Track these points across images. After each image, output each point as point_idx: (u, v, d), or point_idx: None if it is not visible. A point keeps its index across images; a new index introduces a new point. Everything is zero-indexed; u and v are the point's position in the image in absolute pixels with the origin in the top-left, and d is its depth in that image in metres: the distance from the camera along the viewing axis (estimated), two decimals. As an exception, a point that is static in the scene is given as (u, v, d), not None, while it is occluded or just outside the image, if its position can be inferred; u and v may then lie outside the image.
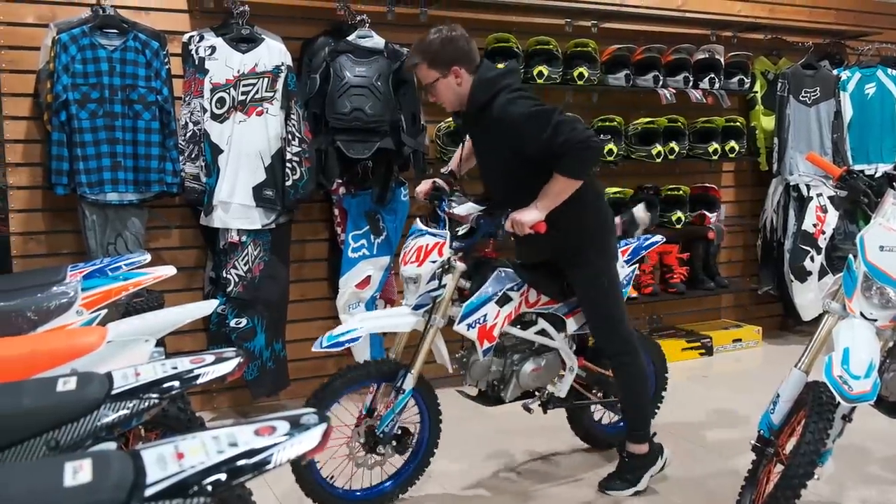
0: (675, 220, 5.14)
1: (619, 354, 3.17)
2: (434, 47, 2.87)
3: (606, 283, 3.12)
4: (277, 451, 1.13)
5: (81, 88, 3.62)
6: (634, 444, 3.23)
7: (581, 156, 2.81)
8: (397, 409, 2.95)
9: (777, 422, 2.75)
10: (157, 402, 1.62)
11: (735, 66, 5.36)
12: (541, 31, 4.85)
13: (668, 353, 5.05)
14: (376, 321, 3.10)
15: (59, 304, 2.43)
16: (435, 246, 2.97)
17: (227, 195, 3.88)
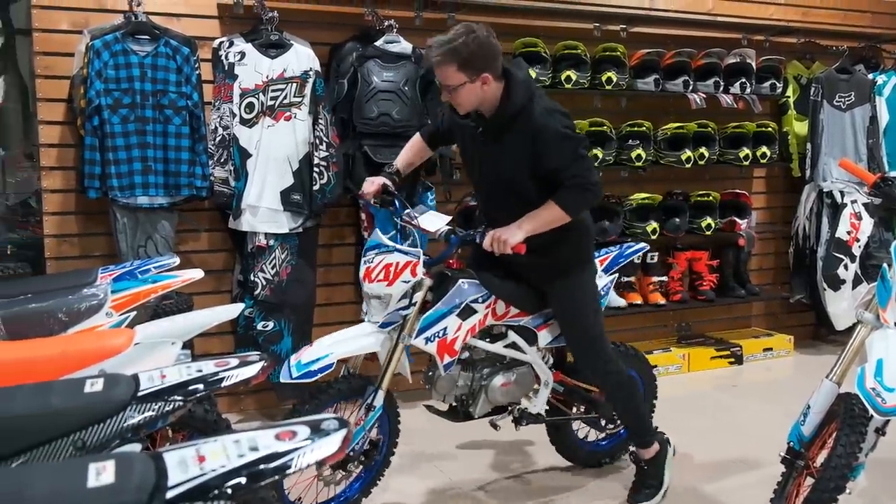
0: (705, 227, 5.08)
1: (601, 369, 3.10)
2: (469, 50, 2.69)
3: (586, 298, 3.06)
4: (298, 455, 1.14)
5: (114, 94, 3.68)
6: (645, 449, 3.20)
7: (584, 196, 2.84)
8: (367, 426, 2.87)
9: (808, 433, 2.71)
10: (181, 405, 1.64)
11: (767, 71, 5.30)
12: (569, 36, 4.83)
13: (696, 362, 5.12)
14: (346, 345, 2.90)
15: (89, 305, 2.48)
16: (406, 265, 2.86)
17: (256, 199, 3.92)
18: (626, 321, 5.29)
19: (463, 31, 2.73)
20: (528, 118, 2.79)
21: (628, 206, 4.97)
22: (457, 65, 2.70)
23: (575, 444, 3.52)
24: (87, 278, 2.76)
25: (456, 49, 2.69)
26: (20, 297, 2.54)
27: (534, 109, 2.80)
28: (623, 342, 3.61)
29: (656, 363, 4.99)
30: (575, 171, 2.79)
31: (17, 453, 1.45)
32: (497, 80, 2.79)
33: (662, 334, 5.45)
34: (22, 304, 2.47)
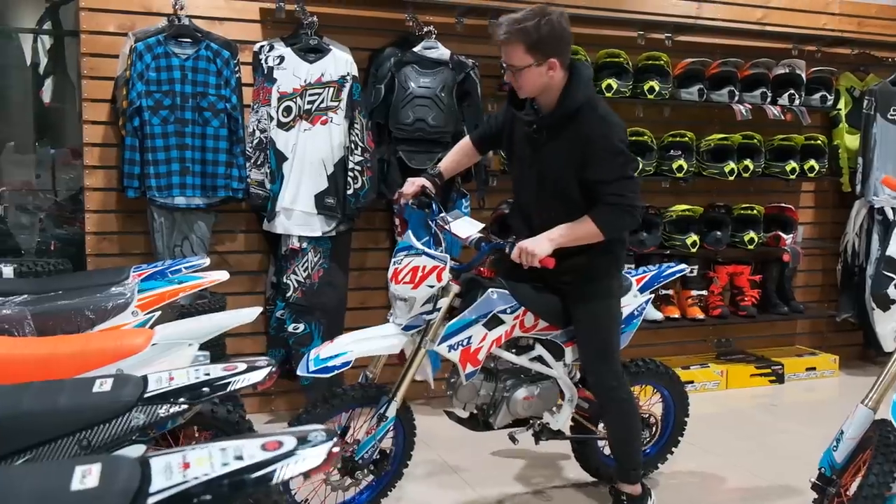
0: (748, 241, 4.96)
1: (608, 387, 2.98)
2: (540, 32, 2.60)
3: (610, 312, 2.97)
4: (281, 466, 1.13)
5: (154, 95, 3.75)
6: (628, 484, 3.07)
7: (622, 218, 2.77)
8: (378, 436, 2.83)
9: (840, 460, 2.62)
10: (187, 408, 1.65)
11: (817, 82, 5.16)
12: (612, 44, 4.78)
13: (735, 379, 5.00)
14: (367, 344, 2.88)
15: (116, 304, 2.52)
16: (433, 270, 2.83)
17: (290, 202, 3.95)
18: (664, 335, 5.20)
19: (537, 12, 2.64)
20: (584, 120, 2.72)
21: (668, 217, 4.88)
22: (525, 46, 2.62)
23: (599, 460, 3.43)
24: (118, 277, 2.81)
25: (526, 29, 2.60)
26: (51, 293, 2.60)
27: (592, 113, 2.74)
28: (653, 357, 3.53)
29: (693, 379, 4.92)
30: (618, 189, 2.71)
31: (22, 451, 1.48)
32: (563, 70, 2.71)
33: (701, 349, 5.34)
34: (51, 300, 2.52)
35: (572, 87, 2.72)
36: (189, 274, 2.84)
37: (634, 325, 3.27)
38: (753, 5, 5.29)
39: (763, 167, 5.03)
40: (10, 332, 2.39)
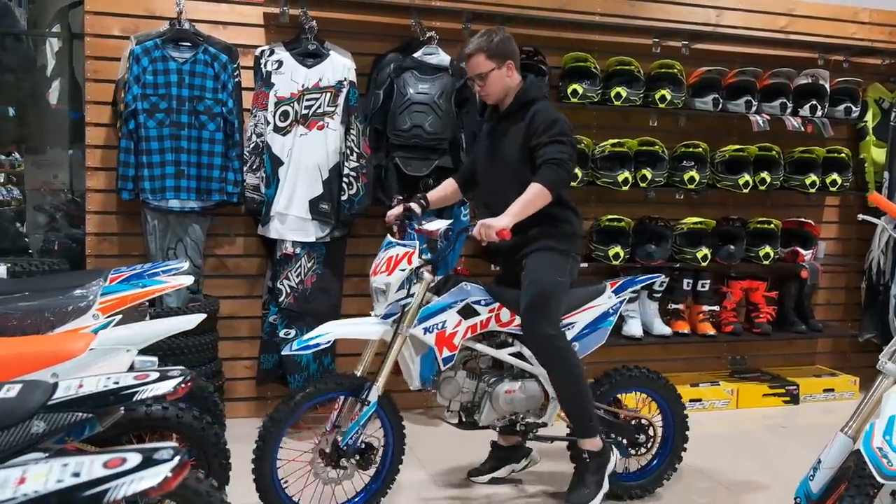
0: (763, 256, 4.78)
1: (547, 337, 3.03)
2: (494, 41, 3.11)
3: (550, 267, 3.09)
4: (117, 485, 1.09)
5: (151, 98, 3.77)
6: (587, 439, 3.10)
7: (557, 172, 2.99)
8: (361, 422, 2.91)
9: (816, 490, 2.48)
10: (89, 417, 1.62)
11: (842, 93, 4.96)
12: (626, 52, 4.66)
13: (746, 398, 4.84)
14: (345, 328, 3.09)
15: (76, 307, 2.52)
16: (405, 255, 3.02)
17: (285, 207, 3.94)
18: (676, 350, 5.06)
19: (487, 31, 3.20)
20: (528, 110, 3.12)
21: (679, 230, 4.73)
22: (486, 53, 3.10)
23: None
24: (92, 279, 2.81)
25: (482, 41, 3.13)
26: (17, 294, 2.61)
27: (540, 104, 3.15)
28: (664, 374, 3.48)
29: (701, 397, 4.77)
30: (552, 150, 2.99)
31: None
32: (518, 73, 3.18)
33: (714, 366, 5.17)
34: (14, 302, 2.54)
35: (526, 87, 3.20)
36: (154, 278, 2.82)
37: (609, 324, 3.35)
38: (777, 13, 5.12)
39: (782, 180, 4.85)
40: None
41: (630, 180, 4.51)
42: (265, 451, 2.90)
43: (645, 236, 4.70)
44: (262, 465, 2.90)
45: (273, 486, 2.94)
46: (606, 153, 4.52)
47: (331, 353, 4.15)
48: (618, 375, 3.36)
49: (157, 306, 3.83)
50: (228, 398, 4.25)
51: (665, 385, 3.43)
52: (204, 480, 2.19)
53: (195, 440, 2.77)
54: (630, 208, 4.79)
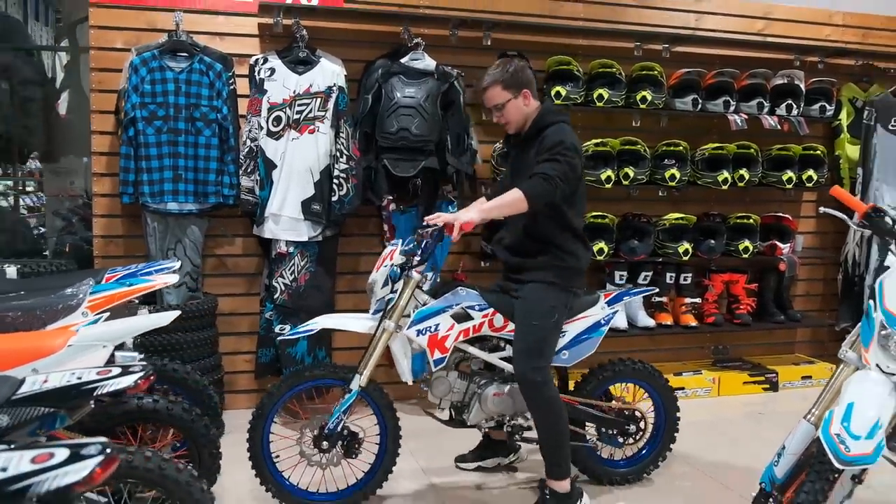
0: (742, 250, 4.69)
1: (534, 384, 2.89)
2: (509, 72, 3.02)
3: (543, 307, 2.95)
4: (42, 480, 1.04)
5: (149, 107, 3.72)
6: (554, 479, 2.95)
7: (542, 185, 2.84)
8: (343, 408, 2.89)
9: (780, 475, 2.41)
10: (56, 411, 1.57)
11: (817, 93, 4.85)
12: (608, 55, 4.57)
13: (728, 386, 4.75)
14: (333, 320, 3.06)
15: (66, 305, 2.47)
16: (391, 253, 3.00)
17: (278, 208, 3.88)
18: (661, 341, 4.98)
19: (502, 62, 3.10)
20: (545, 133, 2.98)
21: (661, 226, 4.65)
22: (501, 84, 3.01)
23: (592, 460, 3.30)
24: (89, 279, 2.77)
25: (497, 73, 3.04)
26: (12, 294, 2.58)
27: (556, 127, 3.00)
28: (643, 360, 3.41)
29: (685, 385, 4.68)
30: (546, 167, 2.86)
31: None
32: (534, 99, 3.07)
33: (698, 356, 5.08)
34: (8, 301, 2.50)
35: (543, 113, 3.07)
36: (141, 277, 2.78)
37: (601, 333, 3.21)
38: (754, 17, 5.02)
39: (760, 177, 4.75)
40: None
41: (613, 178, 4.42)
42: (258, 423, 2.92)
43: (628, 232, 4.62)
44: (254, 437, 2.93)
45: (263, 457, 2.93)
46: (590, 153, 4.43)
47: (325, 347, 4.10)
48: (612, 368, 3.28)
49: (159, 304, 3.79)
50: (229, 391, 4.21)
51: (659, 379, 3.35)
52: (184, 470, 2.15)
53: (185, 431, 2.74)
54: (614, 205, 4.70)
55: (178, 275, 2.87)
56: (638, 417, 3.29)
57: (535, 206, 2.84)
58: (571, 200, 2.98)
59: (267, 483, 2.96)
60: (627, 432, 3.26)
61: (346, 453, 2.96)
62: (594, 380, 3.25)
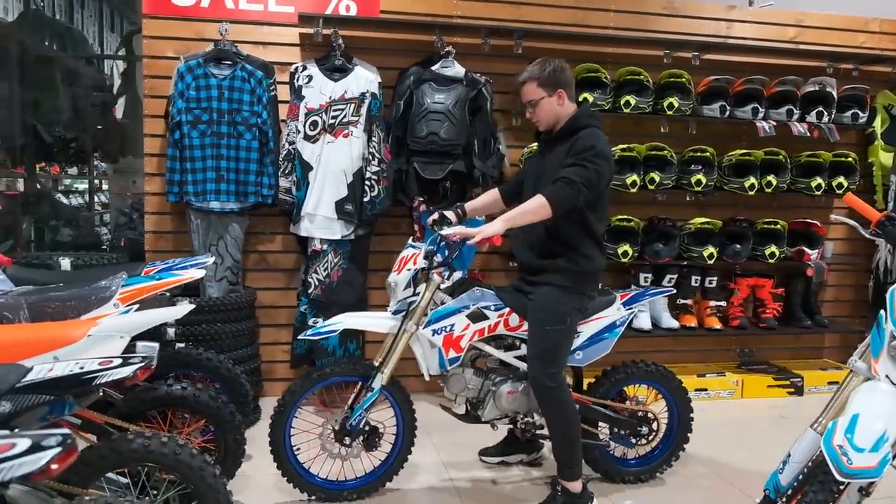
0: (769, 255, 4.49)
1: (547, 389, 2.78)
2: (547, 70, 2.87)
3: (556, 315, 2.83)
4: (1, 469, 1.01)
5: (194, 111, 3.76)
6: (566, 480, 2.85)
7: (564, 190, 2.70)
8: (365, 405, 2.86)
9: (785, 483, 2.28)
10: (57, 399, 1.56)
11: (850, 100, 4.61)
12: (637, 63, 4.43)
13: (752, 389, 4.56)
14: (355, 319, 3.00)
15: (99, 297, 2.50)
16: (412, 256, 2.93)
17: (313, 208, 3.88)
18: (687, 343, 4.81)
19: (542, 60, 2.92)
20: (576, 136, 2.83)
21: (687, 230, 4.48)
22: (538, 81, 2.86)
23: (606, 459, 3.20)
24: (122, 272, 2.79)
25: (535, 70, 2.89)
26: (52, 286, 2.61)
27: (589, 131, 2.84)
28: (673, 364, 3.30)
29: (707, 387, 4.51)
30: (569, 171, 2.72)
31: None
32: (570, 101, 2.91)
33: (723, 358, 4.89)
34: (49, 292, 2.53)
35: (578, 115, 2.90)
36: (171, 272, 2.79)
37: (616, 334, 3.09)
38: (786, 24, 4.80)
39: (788, 183, 4.54)
40: (8, 318, 2.42)
41: (638, 183, 4.28)
42: (280, 419, 2.90)
43: (653, 235, 4.47)
44: (276, 431, 2.91)
45: (285, 449, 2.92)
46: (616, 157, 4.30)
47: (357, 341, 4.08)
48: (626, 370, 3.17)
49: (202, 296, 3.82)
50: (268, 379, 4.23)
51: (672, 381, 3.22)
52: (197, 455, 2.14)
53: (211, 417, 2.75)
54: (641, 209, 4.56)
55: (206, 270, 2.87)
56: (650, 419, 3.17)
57: (558, 213, 2.70)
58: (595, 205, 2.85)
59: (288, 475, 2.94)
60: (639, 433, 3.15)
61: (367, 447, 2.94)
62: (607, 381, 3.14)
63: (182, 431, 2.78)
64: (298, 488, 2.95)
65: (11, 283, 2.73)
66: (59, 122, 4.76)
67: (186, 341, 3.56)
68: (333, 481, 2.99)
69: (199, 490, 2.13)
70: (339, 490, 2.97)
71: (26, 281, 2.75)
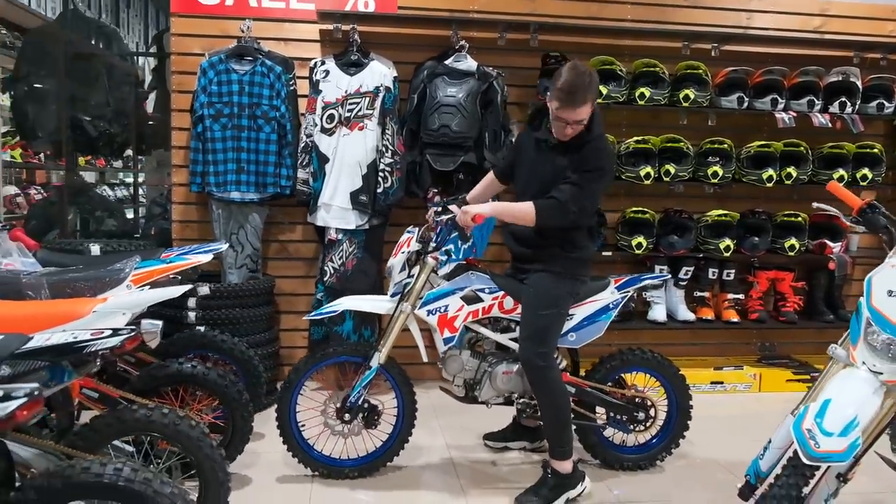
0: (789, 248, 4.44)
1: (538, 368, 2.86)
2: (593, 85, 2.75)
3: (548, 297, 2.89)
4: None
5: (216, 105, 3.93)
6: (556, 460, 2.90)
7: (555, 210, 2.80)
8: (363, 383, 2.98)
9: (765, 469, 2.31)
10: (57, 366, 1.71)
11: (876, 90, 4.52)
12: (656, 55, 4.43)
13: (770, 383, 4.52)
14: (356, 301, 3.12)
15: (113, 279, 2.66)
16: (408, 240, 3.07)
17: (329, 198, 4.01)
18: (706, 336, 4.79)
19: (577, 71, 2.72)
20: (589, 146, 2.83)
21: (704, 222, 4.47)
22: (590, 101, 2.75)
23: (602, 444, 3.26)
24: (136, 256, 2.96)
25: (586, 88, 2.72)
26: (73, 268, 2.79)
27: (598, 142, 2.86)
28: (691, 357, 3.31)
29: (723, 380, 4.50)
30: (569, 190, 2.78)
31: None
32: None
33: (742, 352, 4.85)
34: (69, 273, 2.71)
35: (594, 123, 2.85)
36: (181, 256, 2.95)
37: (609, 317, 3.14)
38: (810, 14, 4.73)
39: (810, 175, 4.48)
40: (31, 296, 2.60)
41: (652, 175, 4.29)
42: (286, 394, 3.05)
43: (669, 227, 4.48)
44: (282, 407, 3.05)
45: (290, 424, 3.05)
46: (631, 149, 4.33)
47: (371, 328, 4.19)
48: (622, 356, 3.21)
49: (222, 282, 3.99)
50: (288, 364, 4.38)
51: (669, 368, 3.24)
52: (196, 427, 2.28)
53: (219, 395, 2.89)
54: (658, 201, 4.57)
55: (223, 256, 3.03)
56: (647, 405, 3.20)
57: (540, 226, 2.81)
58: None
59: (293, 450, 3.08)
60: (636, 419, 3.18)
61: (367, 424, 3.05)
62: (604, 367, 3.19)
63: (193, 408, 2.93)
64: (302, 463, 3.08)
65: (39, 265, 2.93)
66: (102, 116, 5.00)
67: (207, 325, 3.73)
68: (336, 458, 3.11)
69: (197, 459, 2.26)
70: (341, 467, 3.09)
71: (53, 263, 2.94)
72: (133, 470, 1.74)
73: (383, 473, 3.15)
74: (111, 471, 1.71)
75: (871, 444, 2.09)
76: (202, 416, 2.94)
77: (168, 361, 2.85)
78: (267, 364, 3.86)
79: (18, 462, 1.89)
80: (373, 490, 3.03)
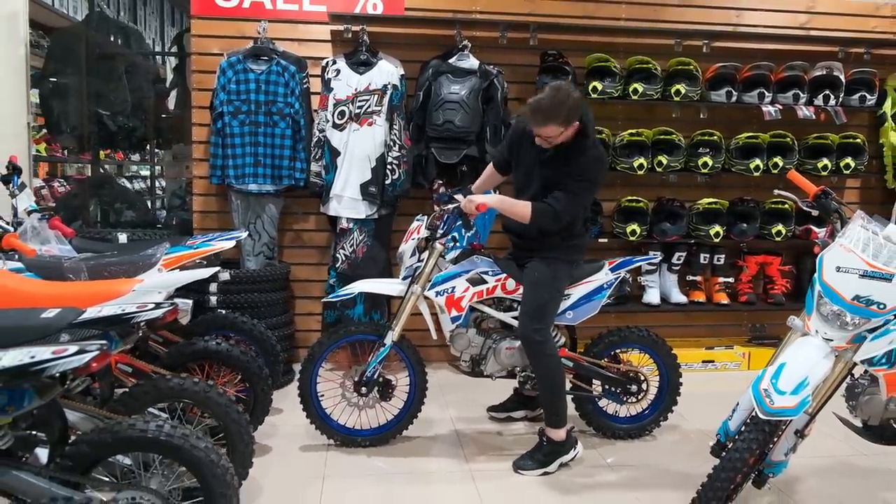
0: (776, 233, 4.67)
1: (535, 343, 3.09)
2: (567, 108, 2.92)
3: (545, 279, 3.13)
4: (56, 363, 1.41)
5: (234, 103, 4.18)
6: (551, 428, 3.14)
7: (548, 216, 3.04)
8: (379, 358, 3.22)
9: (733, 429, 2.52)
10: (107, 335, 1.97)
11: (858, 83, 4.72)
12: (649, 52, 4.64)
13: (759, 362, 4.76)
14: (370, 284, 3.36)
15: (145, 262, 2.92)
16: (417, 227, 3.30)
17: (340, 190, 4.26)
18: (699, 318, 5.01)
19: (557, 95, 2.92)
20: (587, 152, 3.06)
21: (695, 209, 4.70)
22: (556, 123, 2.94)
23: (599, 415, 3.49)
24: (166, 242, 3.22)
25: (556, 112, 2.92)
26: (108, 254, 3.07)
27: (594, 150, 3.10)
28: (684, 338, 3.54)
29: (714, 359, 4.74)
30: (563, 199, 3.02)
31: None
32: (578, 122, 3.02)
33: (734, 333, 5.08)
34: (105, 258, 2.98)
35: (587, 130, 3.05)
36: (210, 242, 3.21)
37: (603, 296, 3.36)
38: (797, 11, 4.93)
39: (795, 164, 4.70)
40: (71, 278, 2.87)
41: (645, 166, 4.52)
42: (308, 366, 3.29)
43: (662, 215, 4.70)
44: (304, 377, 3.29)
45: (311, 395, 3.29)
46: (625, 142, 4.56)
47: (381, 312, 4.45)
48: (619, 333, 3.44)
49: (241, 268, 4.26)
50: (303, 346, 4.63)
51: (662, 346, 3.48)
52: (224, 395, 2.55)
53: (242, 370, 3.14)
54: (652, 191, 4.79)
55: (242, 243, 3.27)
56: (640, 379, 3.43)
57: (533, 226, 3.06)
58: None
59: (312, 418, 3.33)
60: (629, 391, 3.42)
61: (381, 397, 3.30)
62: (601, 342, 3.42)
63: (217, 382, 3.20)
64: (319, 430, 3.33)
65: (74, 252, 3.21)
66: (122, 112, 5.28)
67: (227, 308, 3.99)
68: (351, 428, 3.37)
69: (225, 423, 2.53)
70: (355, 437, 3.34)
71: (87, 250, 3.21)
72: (172, 427, 2.00)
73: (394, 444, 3.39)
74: (154, 427, 1.97)
75: (823, 403, 2.34)
76: (226, 389, 3.20)
77: (195, 339, 3.11)
78: (283, 345, 4.11)
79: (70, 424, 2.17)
80: (386, 457, 3.27)
